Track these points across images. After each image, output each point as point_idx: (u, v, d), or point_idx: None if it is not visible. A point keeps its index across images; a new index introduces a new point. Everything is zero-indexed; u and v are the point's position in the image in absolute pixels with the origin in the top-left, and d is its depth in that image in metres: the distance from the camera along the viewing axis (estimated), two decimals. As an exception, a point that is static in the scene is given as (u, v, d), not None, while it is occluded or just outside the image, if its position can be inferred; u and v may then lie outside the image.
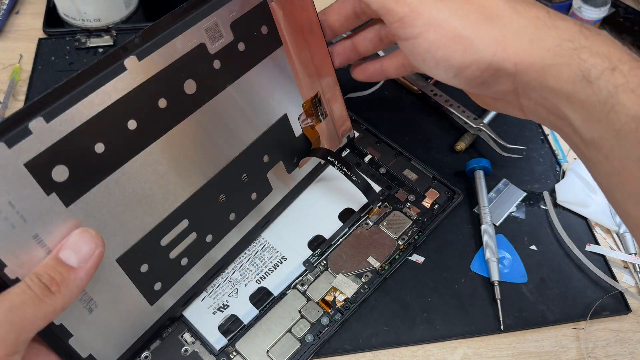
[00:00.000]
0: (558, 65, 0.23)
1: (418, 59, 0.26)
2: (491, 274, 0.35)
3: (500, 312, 0.33)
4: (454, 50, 0.25)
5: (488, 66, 0.25)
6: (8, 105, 0.44)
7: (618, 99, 0.22)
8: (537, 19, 0.24)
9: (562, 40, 0.23)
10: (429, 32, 0.25)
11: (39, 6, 0.52)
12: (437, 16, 0.25)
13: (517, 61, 0.24)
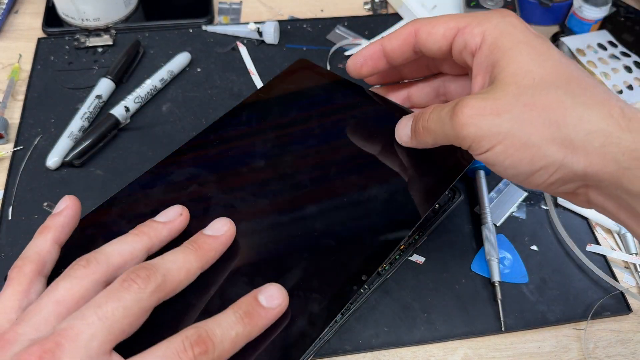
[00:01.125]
0: (635, 169, 0.22)
1: (490, 165, 0.26)
2: (492, 274, 0.35)
3: (501, 313, 0.33)
4: (521, 159, 0.25)
5: (557, 170, 0.24)
6: (7, 105, 0.44)
7: None
8: (609, 118, 0.23)
9: (638, 144, 0.22)
10: (496, 146, 0.25)
11: (38, 6, 0.52)
12: (499, 131, 0.24)
13: (588, 164, 0.23)
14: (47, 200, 0.38)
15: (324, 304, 0.27)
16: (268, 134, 0.35)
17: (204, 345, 0.22)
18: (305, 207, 0.31)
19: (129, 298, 0.22)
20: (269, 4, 0.54)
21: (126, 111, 0.42)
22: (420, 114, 0.29)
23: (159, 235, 0.26)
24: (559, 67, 0.25)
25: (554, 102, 0.24)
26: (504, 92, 0.25)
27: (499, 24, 0.27)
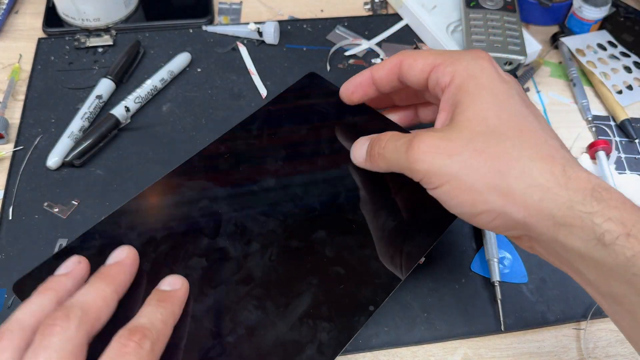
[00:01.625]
0: (569, 226, 0.23)
1: (438, 200, 0.27)
2: (492, 274, 0.35)
3: (500, 313, 0.33)
4: (464, 201, 0.26)
5: (498, 216, 0.25)
6: (7, 105, 0.44)
7: (638, 265, 0.22)
8: (550, 175, 0.24)
9: (573, 202, 0.23)
10: (444, 185, 0.26)
11: (39, 6, 0.52)
12: (449, 172, 0.26)
13: (527, 215, 0.24)
14: (48, 200, 0.38)
15: (334, 334, 0.27)
16: (276, 151, 0.34)
17: (139, 332, 0.23)
18: (314, 232, 0.31)
19: (56, 341, 0.22)
20: (269, 4, 0.54)
21: (126, 111, 0.42)
22: (377, 139, 0.30)
23: (64, 287, 0.25)
24: (514, 118, 0.26)
25: (502, 152, 0.25)
26: (458, 134, 0.26)
27: (469, 66, 0.28)
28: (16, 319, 0.23)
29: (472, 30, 0.45)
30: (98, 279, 0.26)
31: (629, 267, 0.22)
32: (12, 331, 0.23)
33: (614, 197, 0.23)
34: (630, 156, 0.43)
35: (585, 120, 0.46)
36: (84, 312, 0.23)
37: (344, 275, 0.30)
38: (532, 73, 0.48)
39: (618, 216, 0.23)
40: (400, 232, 0.31)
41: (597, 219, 0.23)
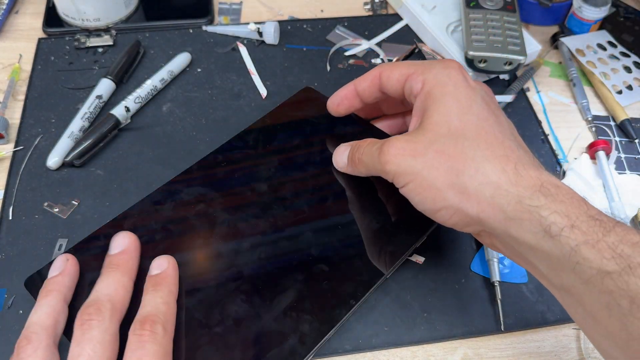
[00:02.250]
0: (519, 220, 0.25)
1: (408, 199, 0.30)
2: (492, 274, 0.35)
3: (500, 313, 0.33)
4: (425, 197, 0.28)
5: (455, 212, 0.27)
6: (8, 105, 0.44)
7: (581, 254, 0.23)
8: (502, 173, 0.26)
9: (521, 197, 0.25)
10: (410, 183, 0.28)
11: (39, 6, 0.52)
12: (413, 171, 0.28)
13: (480, 210, 0.26)
14: (48, 201, 0.38)
15: (315, 325, 0.30)
16: (270, 160, 0.37)
17: (148, 321, 0.26)
18: (301, 232, 0.33)
19: (96, 334, 0.25)
20: (269, 4, 0.54)
21: (126, 111, 0.42)
22: (356, 145, 0.33)
23: (64, 285, 0.28)
24: (474, 121, 0.28)
25: (459, 152, 0.27)
26: (423, 137, 0.28)
27: (438, 74, 0.30)
28: (35, 322, 0.26)
29: (472, 30, 0.45)
30: (113, 270, 0.28)
31: (573, 257, 0.23)
32: (37, 333, 0.25)
33: (562, 192, 0.25)
34: (630, 156, 0.43)
35: (585, 120, 0.46)
36: (112, 303, 0.26)
37: (327, 272, 0.32)
38: (532, 73, 0.48)
39: (563, 209, 0.24)
40: (385, 231, 0.34)
41: (544, 212, 0.24)
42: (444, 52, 0.47)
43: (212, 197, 0.34)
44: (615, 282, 0.22)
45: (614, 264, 0.22)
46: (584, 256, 0.23)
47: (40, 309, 0.26)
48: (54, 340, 0.26)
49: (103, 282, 0.28)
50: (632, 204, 0.39)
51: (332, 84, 0.46)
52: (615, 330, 0.23)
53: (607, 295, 0.22)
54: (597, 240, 0.23)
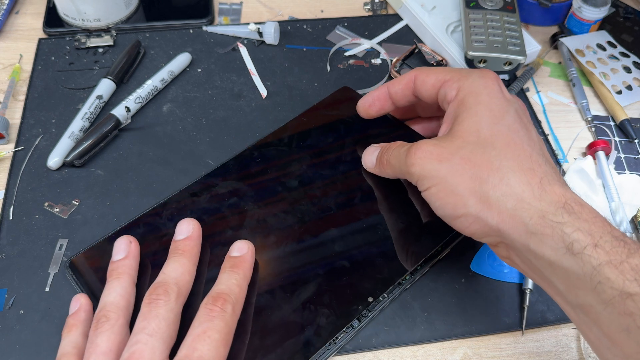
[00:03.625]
0: (540, 235, 0.25)
1: (428, 202, 0.30)
2: (526, 281, 0.35)
3: (524, 320, 0.33)
4: (446, 203, 0.28)
5: (474, 220, 0.27)
6: (8, 105, 0.44)
7: (604, 273, 0.23)
8: (527, 185, 0.26)
9: (545, 212, 0.25)
10: (432, 187, 0.29)
11: (39, 6, 0.52)
12: (437, 175, 0.28)
13: (500, 221, 0.26)
14: (48, 201, 0.38)
15: (332, 319, 0.31)
16: (302, 157, 0.38)
17: (220, 298, 0.28)
18: (327, 230, 0.34)
19: (162, 312, 0.27)
20: (269, 5, 0.54)
21: (127, 111, 0.42)
22: (386, 147, 0.33)
23: (131, 268, 0.30)
24: (504, 132, 0.28)
25: (485, 161, 0.27)
26: (451, 143, 0.29)
27: (474, 83, 0.30)
28: (111, 303, 0.28)
29: (471, 30, 0.45)
30: (180, 255, 0.30)
31: (594, 276, 0.23)
32: (114, 311, 0.28)
33: (585, 211, 0.25)
34: (630, 156, 0.43)
35: (585, 121, 0.46)
36: (179, 287, 0.28)
37: (348, 268, 0.33)
38: (532, 73, 0.48)
39: (587, 228, 0.24)
40: (411, 232, 0.34)
41: (567, 229, 0.24)
42: (444, 52, 0.47)
43: (245, 191, 0.36)
44: (637, 305, 0.22)
45: (637, 286, 0.22)
46: (606, 276, 0.23)
47: (114, 290, 0.29)
48: (127, 320, 0.28)
49: (170, 265, 0.30)
50: (631, 204, 0.39)
51: (332, 84, 0.46)
52: (633, 353, 0.22)
53: (628, 317, 0.22)
54: (621, 261, 0.23)
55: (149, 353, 0.25)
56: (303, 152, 0.38)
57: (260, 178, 0.37)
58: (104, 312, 0.28)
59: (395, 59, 0.47)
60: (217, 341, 0.26)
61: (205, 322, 0.27)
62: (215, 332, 0.26)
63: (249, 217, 0.35)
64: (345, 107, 0.41)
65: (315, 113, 0.41)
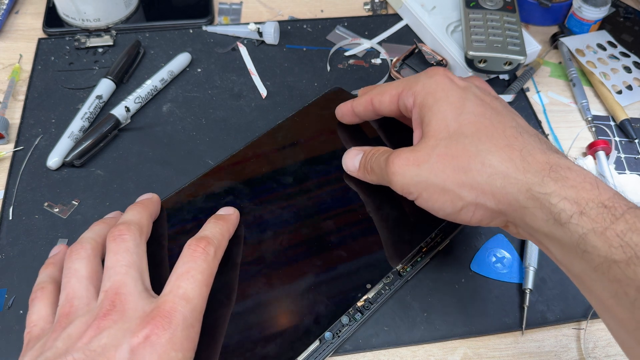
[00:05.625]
0: (532, 208, 0.25)
1: (427, 210, 0.30)
2: (526, 281, 0.35)
3: (524, 320, 0.34)
4: (443, 202, 0.28)
5: (476, 208, 0.27)
6: (8, 105, 0.44)
7: (589, 241, 0.23)
8: (509, 162, 0.26)
9: (530, 184, 0.25)
10: (422, 193, 0.29)
11: (39, 6, 0.52)
12: (420, 180, 0.28)
13: (497, 202, 0.27)
14: (48, 200, 0.38)
15: (330, 307, 0.31)
16: (297, 155, 0.39)
17: (203, 241, 0.29)
18: (323, 220, 0.35)
19: (131, 245, 0.28)
20: (269, 5, 0.54)
21: (127, 111, 0.42)
22: (370, 153, 0.33)
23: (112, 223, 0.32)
24: (471, 118, 0.28)
25: (461, 150, 0.27)
26: (425, 145, 0.29)
27: (425, 84, 0.31)
28: (88, 237, 0.30)
29: (471, 30, 0.45)
30: (136, 205, 0.32)
31: (581, 244, 0.23)
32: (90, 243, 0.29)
33: (573, 175, 0.24)
34: (630, 156, 0.43)
35: (585, 120, 0.46)
36: (140, 225, 0.30)
37: (345, 257, 0.33)
38: (532, 73, 0.48)
39: (573, 195, 0.24)
40: (400, 224, 0.35)
41: (553, 199, 0.24)
42: (444, 52, 0.47)
43: (241, 188, 0.37)
44: (623, 271, 0.22)
45: (622, 253, 0.22)
46: (592, 244, 0.23)
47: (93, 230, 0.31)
48: (100, 255, 0.29)
49: (128, 212, 0.31)
50: (631, 204, 0.39)
51: (332, 84, 0.46)
52: (625, 318, 0.22)
53: (615, 284, 0.22)
54: (605, 227, 0.23)
55: (131, 281, 0.27)
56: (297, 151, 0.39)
57: (255, 174, 0.37)
58: (80, 242, 0.29)
59: (395, 59, 0.47)
60: (199, 281, 0.27)
61: (189, 262, 0.28)
62: (197, 272, 0.27)
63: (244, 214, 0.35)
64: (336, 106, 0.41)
65: (307, 113, 0.41)
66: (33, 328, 0.27)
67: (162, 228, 0.34)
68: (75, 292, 0.27)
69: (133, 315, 0.25)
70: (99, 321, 0.25)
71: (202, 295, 0.27)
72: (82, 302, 0.27)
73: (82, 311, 0.26)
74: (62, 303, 0.27)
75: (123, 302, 0.26)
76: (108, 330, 0.25)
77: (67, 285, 0.27)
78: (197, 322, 0.27)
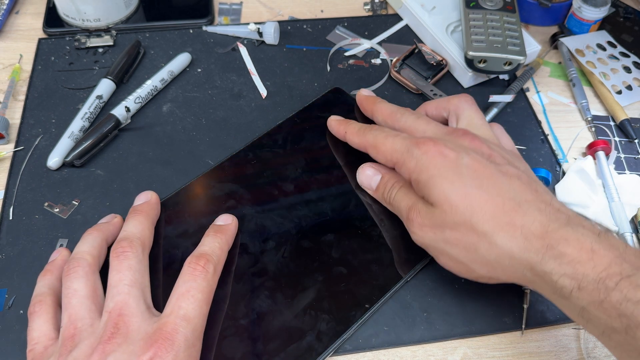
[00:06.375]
0: (538, 282, 0.27)
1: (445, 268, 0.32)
2: None
3: (524, 320, 0.34)
4: (459, 270, 0.31)
5: (490, 278, 0.30)
6: (8, 105, 0.44)
7: (590, 312, 0.25)
8: (511, 241, 0.27)
9: (533, 263, 0.27)
10: (439, 257, 0.31)
11: (39, 6, 0.52)
12: (436, 245, 0.30)
13: (509, 276, 0.29)
14: (48, 201, 0.38)
15: (332, 324, 0.31)
16: (297, 160, 0.39)
17: (203, 258, 0.29)
18: (324, 235, 0.35)
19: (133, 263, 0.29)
20: (269, 5, 0.54)
21: (127, 111, 0.42)
22: (389, 185, 0.34)
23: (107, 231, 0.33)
24: (471, 192, 0.29)
25: (469, 230, 0.28)
26: (437, 214, 0.30)
27: (418, 162, 0.31)
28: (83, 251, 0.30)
29: (471, 30, 0.45)
30: (137, 214, 0.33)
31: (584, 314, 0.25)
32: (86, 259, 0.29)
33: (570, 250, 0.26)
34: (630, 156, 0.43)
35: (585, 121, 0.46)
36: (142, 240, 0.30)
37: (346, 274, 0.33)
38: (532, 73, 0.48)
39: (571, 271, 0.25)
40: (403, 239, 0.34)
41: (554, 277, 0.26)
42: (444, 52, 0.47)
43: (242, 194, 0.36)
44: (624, 338, 0.24)
45: (619, 322, 0.24)
46: (593, 314, 0.25)
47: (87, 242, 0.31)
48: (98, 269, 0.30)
49: (130, 223, 0.32)
50: (632, 204, 0.39)
51: (332, 84, 0.46)
52: None
53: (619, 349, 0.25)
54: (602, 300, 0.24)
55: (134, 301, 0.27)
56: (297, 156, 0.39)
57: (256, 180, 0.37)
58: (77, 258, 0.29)
59: (395, 59, 0.47)
60: (200, 300, 0.28)
61: (189, 281, 0.28)
62: (198, 291, 0.28)
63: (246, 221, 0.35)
64: (336, 107, 0.42)
65: (307, 113, 0.42)
66: (35, 346, 0.27)
67: (162, 229, 0.34)
68: (78, 314, 0.27)
69: (136, 337, 0.26)
70: (103, 345, 0.25)
71: (202, 314, 0.28)
72: (86, 324, 0.27)
73: (86, 333, 0.27)
74: (66, 325, 0.27)
75: (127, 324, 0.26)
76: (113, 354, 0.25)
77: (69, 306, 0.28)
78: (198, 341, 0.27)
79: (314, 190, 0.37)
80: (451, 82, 0.47)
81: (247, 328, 0.31)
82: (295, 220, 0.35)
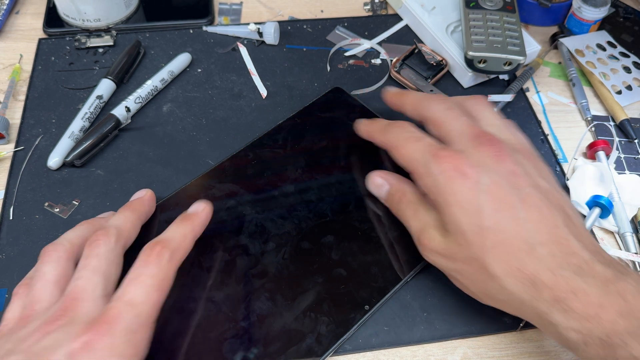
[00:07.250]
0: (545, 330, 0.28)
1: None
2: None
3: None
4: (471, 294, 0.31)
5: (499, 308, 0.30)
6: (8, 105, 0.44)
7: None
8: (521, 286, 0.27)
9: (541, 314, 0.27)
10: (452, 278, 0.31)
11: (39, 6, 0.52)
12: (448, 270, 0.31)
13: (520, 315, 0.29)
14: (48, 201, 0.38)
15: (331, 327, 0.31)
16: (297, 161, 0.39)
17: (159, 245, 0.29)
18: (323, 237, 0.35)
19: (102, 251, 0.28)
20: (269, 5, 0.54)
21: (127, 111, 0.42)
22: (397, 196, 0.34)
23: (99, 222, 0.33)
24: (484, 230, 0.28)
25: (481, 266, 0.28)
26: (450, 240, 0.30)
27: (436, 181, 0.30)
28: (65, 238, 0.30)
29: (471, 30, 0.45)
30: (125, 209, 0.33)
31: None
32: (62, 244, 0.29)
33: (577, 304, 0.26)
34: (630, 156, 0.43)
35: (585, 121, 0.46)
36: (119, 231, 0.30)
37: (345, 276, 0.33)
38: (532, 73, 0.48)
39: (578, 326, 0.26)
40: (402, 240, 0.35)
41: (561, 330, 0.26)
42: (444, 52, 0.47)
43: (242, 195, 0.36)
44: None
45: None
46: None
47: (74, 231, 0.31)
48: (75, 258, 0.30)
49: (115, 216, 0.32)
50: (632, 204, 0.39)
51: (332, 84, 0.46)
52: None
53: None
54: (606, 355, 0.25)
55: (91, 287, 0.27)
56: (297, 156, 0.39)
57: (256, 181, 0.37)
58: (55, 243, 0.29)
59: (395, 59, 0.47)
60: (148, 286, 0.27)
61: (140, 267, 0.28)
62: (148, 277, 0.27)
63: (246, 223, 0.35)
64: (336, 107, 0.42)
65: (308, 114, 0.42)
66: (4, 327, 0.27)
67: (154, 228, 0.34)
68: (39, 296, 0.27)
69: (80, 320, 0.25)
70: (46, 325, 0.25)
71: (150, 300, 0.27)
72: (43, 306, 0.27)
73: (40, 315, 0.26)
74: (25, 305, 0.27)
75: (76, 308, 0.26)
76: (52, 334, 0.25)
77: (33, 288, 0.28)
78: (142, 328, 0.26)
79: (314, 190, 0.37)
80: (451, 82, 0.47)
81: (247, 330, 0.31)
82: (295, 221, 0.35)
